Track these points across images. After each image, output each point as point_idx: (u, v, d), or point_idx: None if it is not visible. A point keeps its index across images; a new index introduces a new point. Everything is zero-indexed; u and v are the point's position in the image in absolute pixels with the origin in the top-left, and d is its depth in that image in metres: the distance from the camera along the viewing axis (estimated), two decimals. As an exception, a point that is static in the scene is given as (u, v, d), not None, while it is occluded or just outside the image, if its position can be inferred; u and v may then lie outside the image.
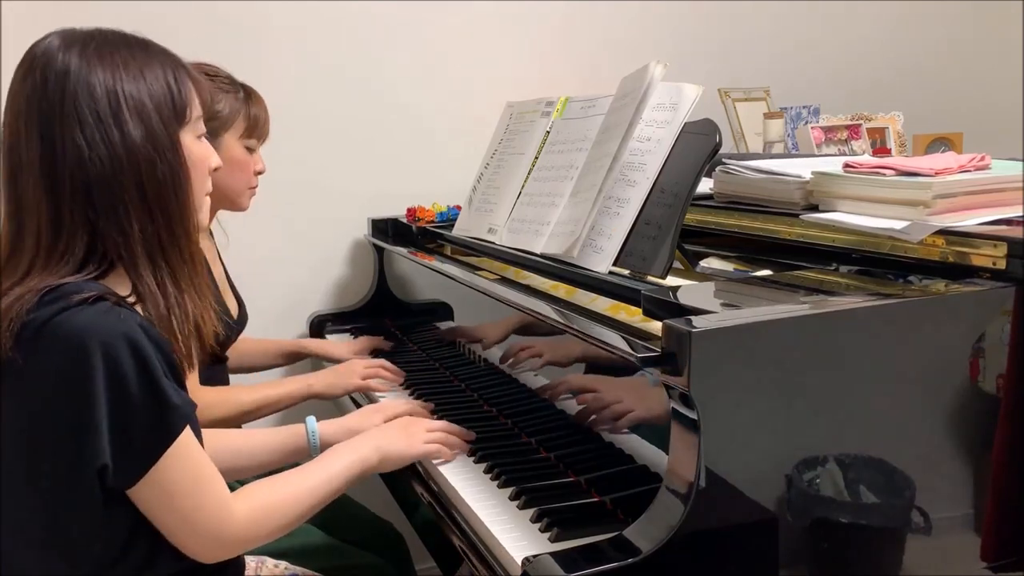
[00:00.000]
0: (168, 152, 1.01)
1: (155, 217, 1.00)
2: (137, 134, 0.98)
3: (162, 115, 1.01)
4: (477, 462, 1.31)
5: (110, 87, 0.98)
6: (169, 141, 1.02)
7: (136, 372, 0.92)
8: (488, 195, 1.77)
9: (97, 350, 0.91)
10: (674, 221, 1.24)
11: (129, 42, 1.03)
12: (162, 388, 0.94)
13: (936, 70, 2.76)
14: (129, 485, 0.96)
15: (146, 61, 1.02)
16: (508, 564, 1.03)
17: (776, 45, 2.59)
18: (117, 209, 0.98)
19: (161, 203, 1.01)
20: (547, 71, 2.35)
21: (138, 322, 0.95)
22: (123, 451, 0.93)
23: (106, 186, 0.97)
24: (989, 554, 1.10)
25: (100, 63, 0.99)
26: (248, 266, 1.99)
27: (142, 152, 0.99)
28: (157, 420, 0.95)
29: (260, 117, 1.66)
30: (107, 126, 0.97)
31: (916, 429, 1.06)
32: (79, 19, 1.07)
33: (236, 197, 1.66)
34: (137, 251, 0.99)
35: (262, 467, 1.36)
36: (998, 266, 1.08)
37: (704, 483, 0.92)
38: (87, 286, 0.95)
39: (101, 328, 0.92)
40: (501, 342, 1.55)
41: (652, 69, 1.32)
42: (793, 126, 2.26)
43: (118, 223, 0.98)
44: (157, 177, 1.00)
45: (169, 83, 1.03)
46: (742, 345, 0.95)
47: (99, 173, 0.97)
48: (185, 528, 1.00)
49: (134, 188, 0.98)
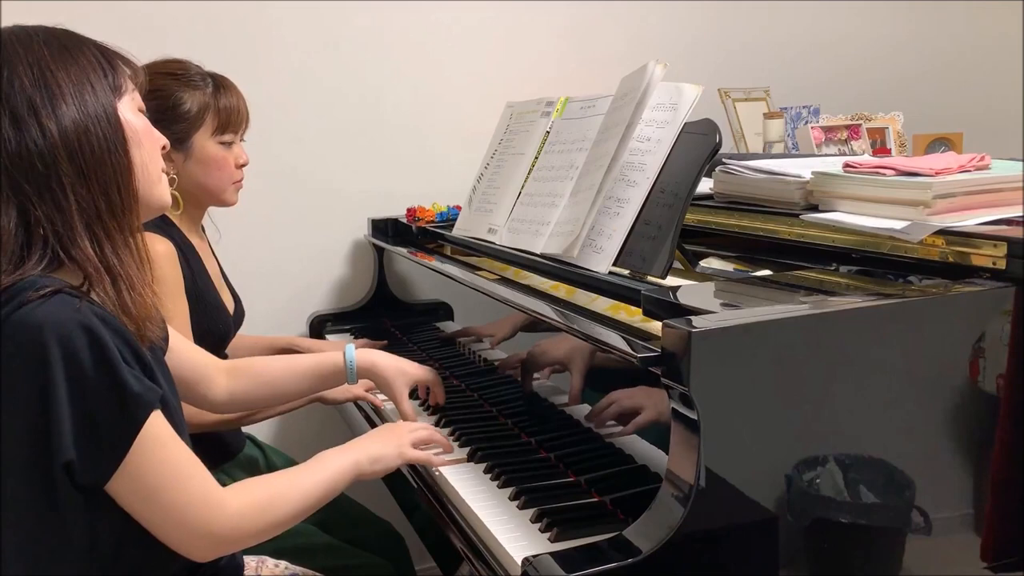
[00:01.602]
0: (102, 119, 1.00)
1: (91, 185, 0.99)
2: (71, 111, 0.98)
3: (95, 86, 1.01)
4: (477, 462, 1.31)
5: (35, 70, 0.98)
6: (103, 112, 1.01)
7: (94, 362, 0.91)
8: (488, 195, 1.77)
9: (55, 343, 0.90)
10: (674, 221, 1.24)
11: (51, 30, 1.04)
12: (122, 377, 0.93)
13: (936, 70, 2.76)
14: (102, 481, 0.94)
15: (69, 42, 1.02)
16: (508, 564, 1.03)
17: (776, 45, 2.59)
18: (52, 188, 0.97)
19: (98, 169, 0.99)
20: (547, 71, 2.35)
21: (95, 311, 0.94)
22: (89, 445, 0.92)
23: (40, 169, 0.96)
24: (989, 554, 1.10)
25: (23, 48, 0.99)
26: (248, 266, 1.99)
27: (77, 127, 0.98)
28: (119, 410, 0.93)
29: (232, 107, 1.62)
30: (38, 108, 0.97)
31: (916, 429, 1.06)
32: (79, 19, 1.07)
33: (220, 194, 1.64)
34: (75, 222, 0.97)
35: (300, 394, 1.45)
36: (998, 266, 1.08)
37: (704, 483, 0.92)
38: (41, 281, 0.94)
39: (58, 320, 0.91)
40: (509, 338, 1.55)
41: (652, 69, 1.32)
42: (793, 126, 2.26)
43: (54, 201, 0.97)
44: (92, 144, 0.99)
45: (96, 57, 1.03)
46: (742, 345, 0.95)
47: (31, 160, 0.96)
48: (171, 522, 0.98)
49: (67, 161, 0.98)
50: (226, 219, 1.80)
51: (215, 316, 1.60)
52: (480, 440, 1.38)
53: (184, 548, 1.00)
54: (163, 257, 1.45)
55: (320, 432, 2.01)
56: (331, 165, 2.22)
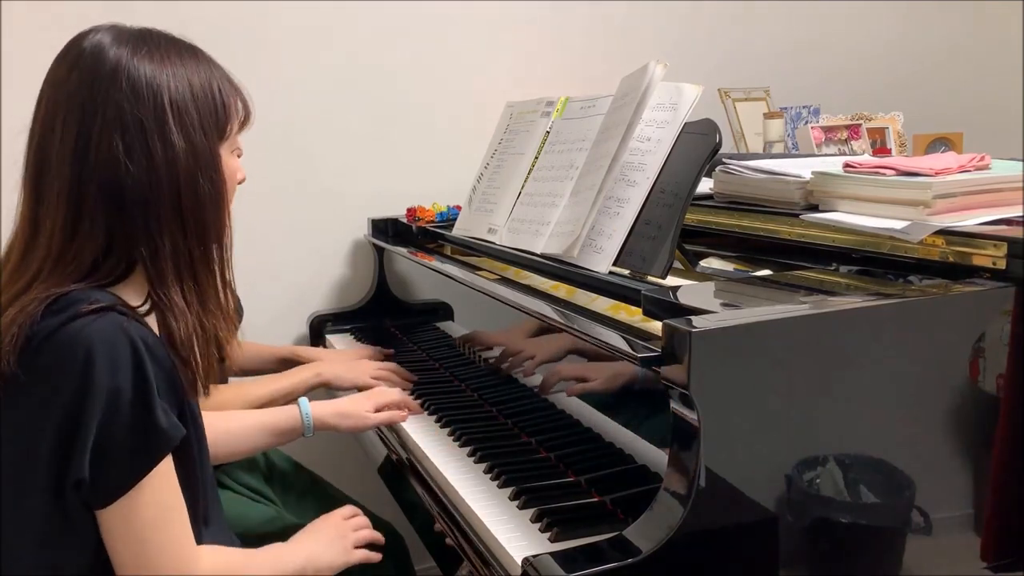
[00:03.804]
0: (210, 167, 0.97)
1: (188, 233, 0.96)
2: (180, 146, 0.94)
3: (205, 128, 0.97)
4: (477, 462, 1.31)
5: (158, 93, 0.94)
6: (210, 156, 0.98)
7: (133, 390, 0.90)
8: (488, 195, 1.77)
9: (102, 364, 0.88)
10: (674, 221, 1.24)
11: (180, 48, 1.00)
12: (153, 410, 0.91)
13: (936, 70, 2.76)
14: (101, 505, 0.92)
15: (195, 69, 0.99)
16: (508, 564, 1.03)
17: (776, 45, 2.59)
18: (148, 223, 0.94)
19: (197, 219, 0.97)
20: (547, 71, 2.35)
21: (143, 335, 0.92)
22: (102, 469, 0.90)
23: (140, 198, 0.93)
24: (989, 554, 1.10)
25: (150, 66, 0.95)
26: (248, 266, 1.98)
27: (184, 166, 0.95)
28: (141, 443, 0.92)
29: None
30: (150, 135, 0.93)
31: (916, 429, 1.06)
32: (79, 19, 1.07)
33: None
34: (167, 267, 0.95)
35: (256, 449, 1.37)
36: (998, 266, 1.08)
37: (704, 483, 0.92)
38: (95, 295, 0.92)
39: (106, 340, 0.89)
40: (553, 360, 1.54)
41: (652, 69, 1.32)
42: (793, 126, 2.26)
43: (148, 237, 0.94)
44: (196, 193, 0.96)
45: (215, 94, 0.99)
46: (742, 345, 0.95)
47: (134, 184, 0.93)
48: (141, 561, 0.94)
49: (169, 203, 0.94)
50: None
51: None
52: (480, 440, 1.38)
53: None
54: None
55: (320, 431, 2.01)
56: (331, 165, 2.22)
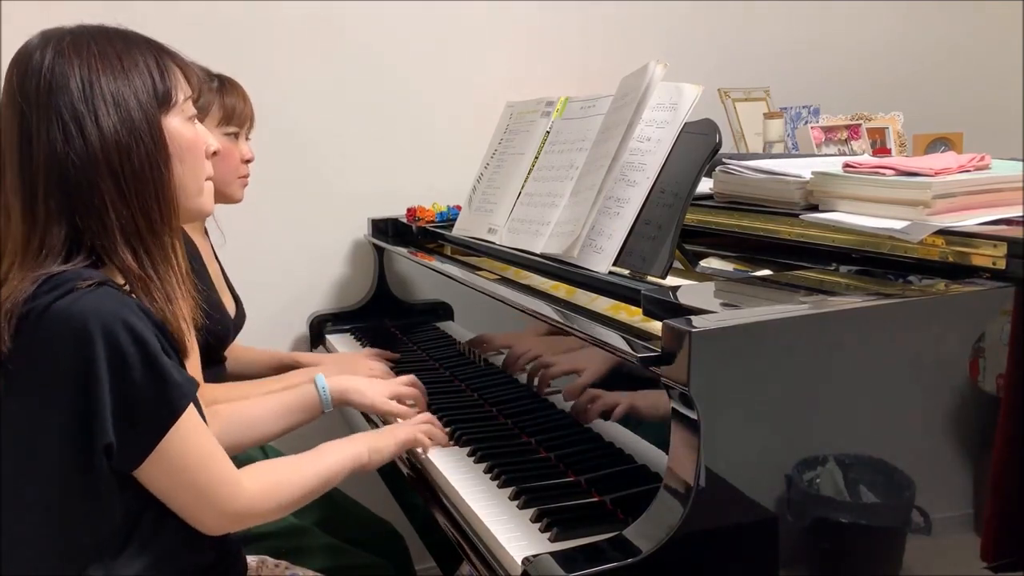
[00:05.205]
0: (146, 137, 1.01)
1: (131, 204, 1.00)
2: (113, 124, 0.99)
3: (141, 101, 1.01)
4: (477, 462, 1.31)
5: (85, 80, 0.99)
6: (147, 126, 1.02)
7: (138, 355, 0.94)
8: (488, 195, 1.77)
9: (99, 334, 0.93)
10: (674, 221, 1.24)
11: (109, 34, 1.04)
12: (163, 367, 0.96)
13: (936, 70, 2.76)
14: (135, 465, 0.97)
15: (125, 49, 1.03)
16: (508, 564, 1.03)
17: (776, 45, 2.59)
18: (93, 200, 0.99)
19: (138, 190, 1.01)
20: (547, 71, 2.35)
21: (139, 304, 0.97)
22: (127, 431, 0.95)
23: (81, 179, 0.98)
24: (989, 554, 1.10)
25: (76, 57, 1.00)
26: (248, 266, 1.99)
27: (119, 141, 0.99)
28: (160, 398, 0.97)
29: (236, 107, 1.64)
30: (82, 119, 0.98)
31: (916, 429, 1.06)
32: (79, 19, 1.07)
33: (225, 188, 1.65)
34: (116, 239, 1.00)
35: (278, 433, 1.42)
36: (998, 266, 1.08)
37: (704, 483, 0.92)
38: (88, 273, 0.97)
39: (102, 312, 0.93)
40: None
41: (652, 69, 1.32)
42: (793, 126, 2.26)
43: (96, 214, 0.99)
44: (133, 164, 1.00)
45: (150, 68, 1.03)
46: (742, 345, 0.95)
47: (73, 167, 0.98)
48: (200, 503, 1.03)
49: (109, 178, 0.99)
50: (226, 219, 1.80)
51: (214, 318, 1.60)
52: (480, 440, 1.38)
53: (205, 524, 1.06)
54: None
55: (320, 430, 2.01)
56: (331, 165, 2.22)
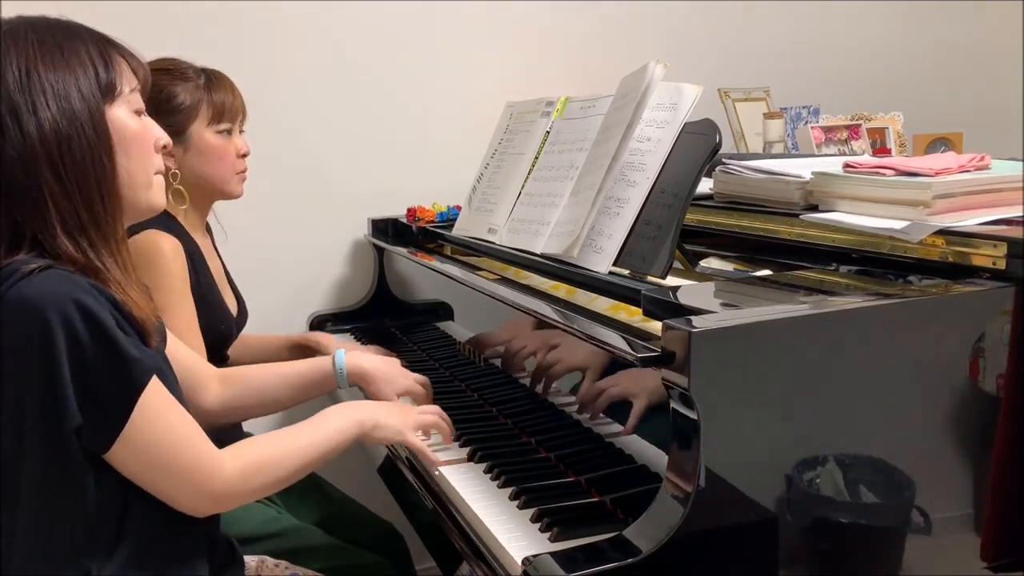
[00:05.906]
0: (87, 128, 0.99)
1: (72, 196, 0.98)
2: (52, 115, 0.97)
3: (83, 91, 1.00)
4: (477, 462, 1.31)
5: (22, 70, 0.97)
6: (89, 117, 1.00)
7: (92, 332, 0.93)
8: (488, 195, 1.77)
9: (54, 315, 0.91)
10: (674, 221, 1.24)
11: (50, 24, 1.02)
12: (119, 344, 0.95)
13: (936, 70, 2.76)
14: (106, 446, 0.96)
15: (65, 39, 1.01)
16: (508, 564, 1.03)
17: (776, 45, 2.59)
18: (32, 193, 0.97)
19: (80, 182, 0.99)
20: (547, 71, 2.35)
21: (91, 283, 0.96)
22: (93, 411, 0.94)
23: (19, 171, 0.96)
24: (989, 554, 1.10)
25: (13, 47, 0.98)
26: (249, 265, 1.99)
27: (58, 132, 0.97)
28: (120, 374, 0.95)
29: (226, 101, 1.62)
30: (19, 110, 0.96)
31: (916, 429, 1.06)
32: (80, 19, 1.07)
33: (223, 185, 1.64)
34: (57, 232, 0.98)
35: (288, 403, 1.40)
36: (998, 266, 1.08)
37: (704, 483, 0.92)
38: (34, 260, 0.96)
39: (54, 292, 0.92)
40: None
41: (652, 69, 1.32)
42: (793, 126, 2.26)
43: (36, 206, 0.97)
44: (74, 155, 0.98)
45: (93, 59, 1.02)
46: (742, 345, 0.95)
47: (11, 161, 0.96)
48: (174, 483, 1.01)
49: (49, 170, 0.97)
50: (226, 218, 1.80)
51: (216, 316, 1.60)
52: (480, 440, 1.37)
53: (185, 506, 1.04)
54: (170, 253, 1.45)
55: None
56: (331, 165, 2.22)
